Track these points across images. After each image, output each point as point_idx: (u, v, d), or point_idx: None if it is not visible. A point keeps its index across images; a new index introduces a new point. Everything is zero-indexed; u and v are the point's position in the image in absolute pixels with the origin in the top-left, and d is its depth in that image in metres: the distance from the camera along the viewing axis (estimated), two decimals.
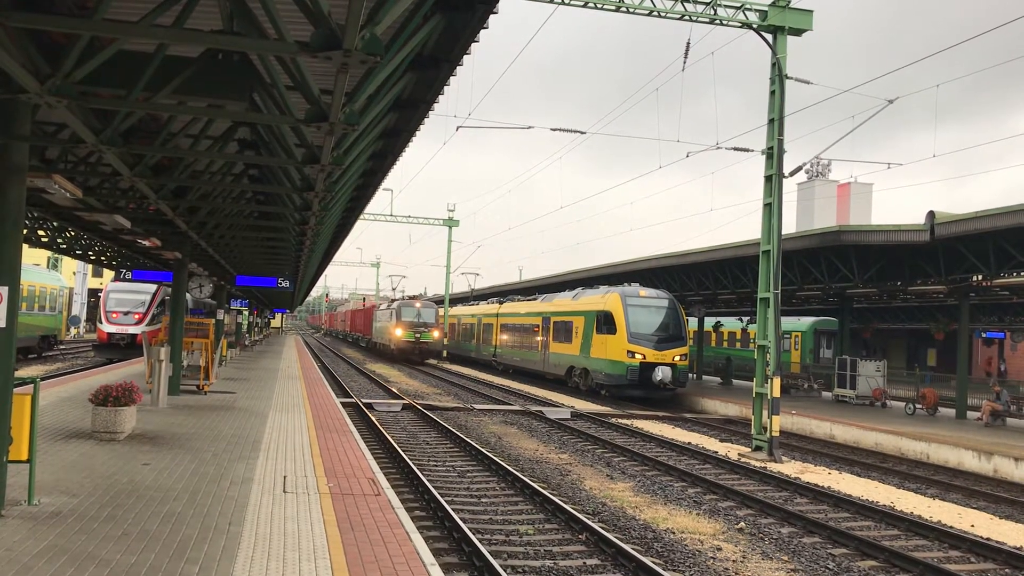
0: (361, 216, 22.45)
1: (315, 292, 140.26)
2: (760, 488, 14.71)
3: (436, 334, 50.63)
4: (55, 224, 19.77)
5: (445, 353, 54.62)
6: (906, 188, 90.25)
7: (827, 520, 12.14)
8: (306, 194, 11.44)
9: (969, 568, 10.22)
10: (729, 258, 27.48)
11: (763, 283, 19.08)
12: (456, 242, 57.85)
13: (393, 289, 60.65)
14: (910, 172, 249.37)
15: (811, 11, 18.42)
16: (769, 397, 18.19)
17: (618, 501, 12.82)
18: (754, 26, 18.36)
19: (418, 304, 50.72)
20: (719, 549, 10.31)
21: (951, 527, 12.02)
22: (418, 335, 49.09)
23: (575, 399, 30.09)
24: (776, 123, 18.55)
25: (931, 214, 20.28)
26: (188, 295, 24.08)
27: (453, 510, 10.85)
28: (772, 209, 18.70)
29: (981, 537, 11.37)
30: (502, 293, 55.69)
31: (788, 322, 42.98)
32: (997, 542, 11.23)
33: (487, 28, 7.58)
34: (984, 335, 41.98)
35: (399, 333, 49.00)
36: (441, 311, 54.53)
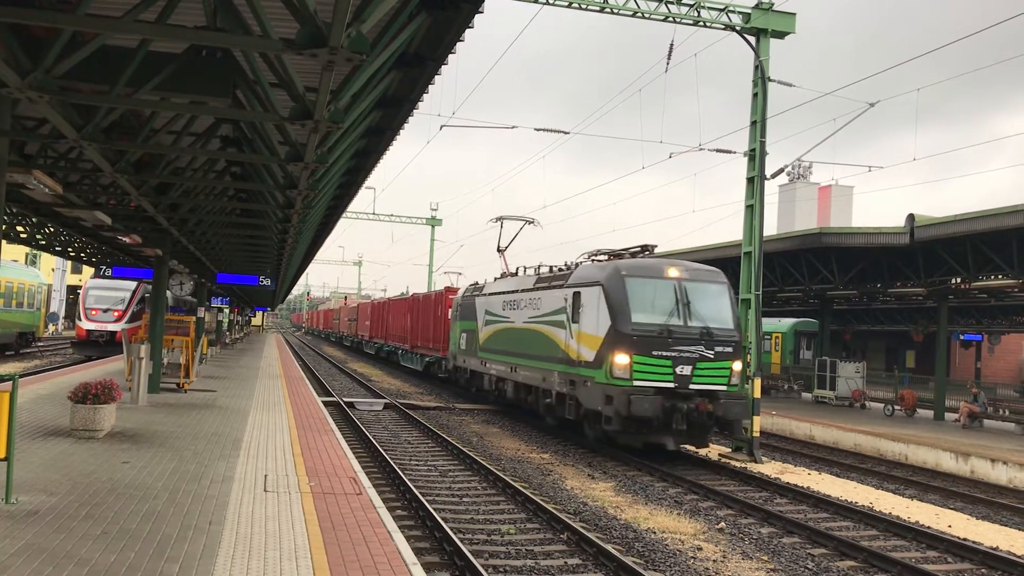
0: (344, 214, 22.38)
1: (296, 290, 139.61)
2: (740, 488, 14.79)
3: (737, 367, 16.67)
4: (34, 220, 19.58)
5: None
6: (887, 191, 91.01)
7: (807, 520, 12.23)
8: (289, 192, 11.40)
9: (946, 568, 10.33)
10: (711, 259, 27.48)
11: (744, 284, 19.19)
12: (439, 241, 56.31)
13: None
14: (891, 175, 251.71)
15: (794, 14, 18.54)
16: (750, 397, 18.29)
17: (599, 501, 12.85)
18: (737, 28, 18.45)
19: (675, 271, 16.98)
20: (699, 549, 10.37)
21: (929, 527, 12.14)
22: (685, 374, 16.05)
23: None
24: (758, 125, 18.65)
25: (911, 217, 20.48)
26: (168, 292, 23.90)
27: (435, 509, 10.85)
28: (754, 211, 18.81)
29: (958, 537, 11.49)
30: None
31: (769, 323, 43.19)
32: (974, 542, 11.35)
33: (472, 27, 7.58)
34: (962, 337, 42.45)
35: (621, 362, 15.95)
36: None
